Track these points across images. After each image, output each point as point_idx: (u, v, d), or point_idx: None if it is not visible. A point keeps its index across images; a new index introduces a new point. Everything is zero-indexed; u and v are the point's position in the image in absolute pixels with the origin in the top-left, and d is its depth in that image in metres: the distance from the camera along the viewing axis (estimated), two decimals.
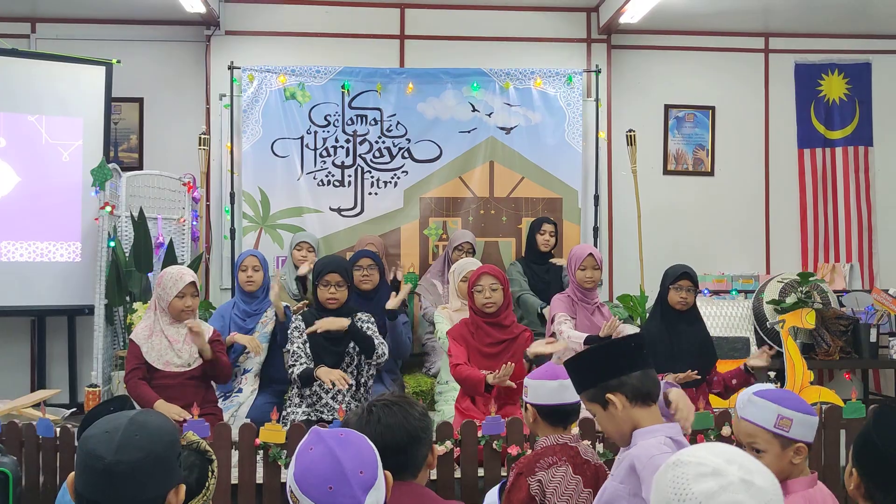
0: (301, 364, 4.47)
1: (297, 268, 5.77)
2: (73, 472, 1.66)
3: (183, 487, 1.72)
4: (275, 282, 5.11)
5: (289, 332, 4.64)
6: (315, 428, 1.78)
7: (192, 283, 4.34)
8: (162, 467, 1.65)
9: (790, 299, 6.27)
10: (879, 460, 2.01)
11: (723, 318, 6.34)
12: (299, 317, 4.66)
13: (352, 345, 4.56)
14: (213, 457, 2.09)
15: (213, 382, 4.57)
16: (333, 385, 4.32)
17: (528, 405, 2.95)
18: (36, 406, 4.83)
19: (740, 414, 2.45)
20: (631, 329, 5.03)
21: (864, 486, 2.04)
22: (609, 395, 2.24)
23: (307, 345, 4.55)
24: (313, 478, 1.66)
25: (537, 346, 4.33)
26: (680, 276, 4.59)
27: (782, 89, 7.28)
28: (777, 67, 7.29)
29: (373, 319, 4.69)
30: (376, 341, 4.54)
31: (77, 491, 1.63)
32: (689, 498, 1.43)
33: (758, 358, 4.49)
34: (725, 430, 3.93)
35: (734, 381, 4.49)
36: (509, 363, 4.15)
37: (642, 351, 2.32)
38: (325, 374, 4.38)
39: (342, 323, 4.47)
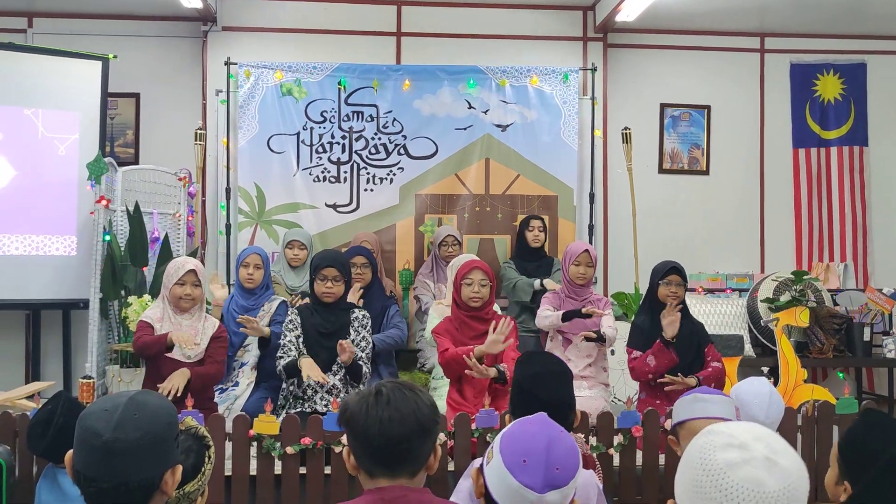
0: (289, 356, 4.49)
1: (289, 264, 5.77)
2: (71, 450, 1.68)
3: (180, 468, 1.74)
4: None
5: (283, 324, 4.65)
6: (545, 414, 1.80)
7: (193, 272, 4.35)
8: (160, 447, 1.67)
9: (784, 298, 6.31)
10: (865, 460, 2.07)
11: (717, 315, 6.37)
12: (295, 310, 4.68)
13: (348, 339, 4.57)
14: (211, 443, 2.11)
15: None
16: (320, 387, 4.35)
17: None
18: (30, 397, 4.85)
19: (713, 414, 2.52)
20: (614, 321, 5.06)
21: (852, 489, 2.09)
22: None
23: (300, 339, 4.56)
24: (517, 444, 1.70)
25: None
26: (668, 271, 4.66)
27: (778, 89, 7.33)
28: (772, 67, 7.34)
29: (368, 316, 4.71)
30: (364, 368, 4.52)
31: (75, 468, 1.65)
32: (713, 464, 1.49)
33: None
34: None
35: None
36: (507, 319, 4.28)
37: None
38: (306, 366, 4.33)
39: (320, 376, 4.40)
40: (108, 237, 5.72)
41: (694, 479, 1.50)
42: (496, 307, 4.79)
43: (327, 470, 3.87)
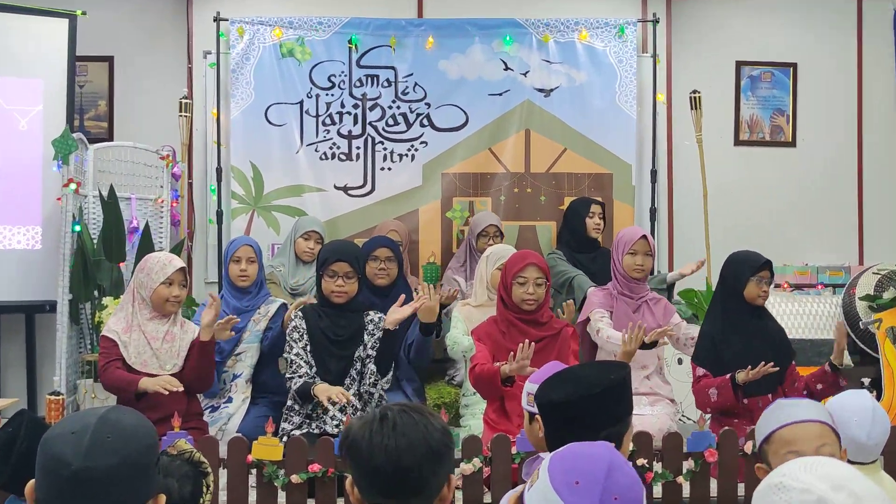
0: (300, 377, 4.48)
1: (298, 258, 5.78)
2: (32, 480, 1.67)
3: (163, 497, 1.73)
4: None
5: (287, 332, 4.65)
6: (609, 444, 1.79)
7: (182, 270, 4.43)
8: (138, 474, 1.65)
9: (888, 294, 6.24)
10: None
11: (807, 316, 6.31)
12: (299, 314, 4.68)
13: (361, 350, 4.57)
14: (209, 469, 2.11)
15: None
16: (334, 403, 4.32)
17: (535, 416, 2.65)
18: None
19: (804, 417, 2.55)
20: (693, 329, 5.03)
21: None
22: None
23: (308, 349, 4.55)
24: (572, 462, 1.68)
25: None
26: (763, 265, 4.61)
27: (878, 42, 7.24)
28: (872, 16, 7.25)
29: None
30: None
31: (38, 501, 1.64)
32: None
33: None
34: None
35: (819, 386, 4.48)
36: (527, 342, 4.10)
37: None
38: (322, 391, 4.34)
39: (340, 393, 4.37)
40: (77, 227, 5.75)
41: None
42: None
43: (340, 502, 3.87)
